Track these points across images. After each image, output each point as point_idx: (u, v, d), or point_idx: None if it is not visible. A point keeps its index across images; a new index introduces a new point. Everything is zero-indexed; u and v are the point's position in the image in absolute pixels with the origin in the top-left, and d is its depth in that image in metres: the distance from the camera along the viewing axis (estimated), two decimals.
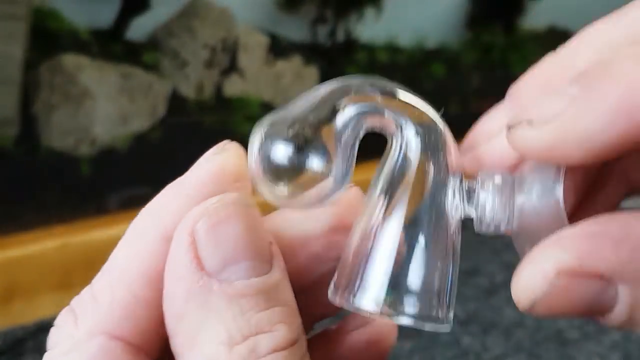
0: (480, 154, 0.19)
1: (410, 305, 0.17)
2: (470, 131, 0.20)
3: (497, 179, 0.18)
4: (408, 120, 0.18)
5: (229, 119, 0.88)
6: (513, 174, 0.18)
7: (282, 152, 0.17)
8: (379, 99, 0.18)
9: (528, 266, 0.16)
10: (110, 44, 0.82)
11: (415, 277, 0.17)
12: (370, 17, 0.87)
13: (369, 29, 0.87)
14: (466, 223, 0.18)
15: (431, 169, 0.18)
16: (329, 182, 0.17)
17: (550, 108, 0.16)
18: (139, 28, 0.83)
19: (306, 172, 0.17)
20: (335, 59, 0.84)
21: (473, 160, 0.19)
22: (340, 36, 0.83)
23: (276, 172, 0.17)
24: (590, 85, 0.16)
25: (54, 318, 0.19)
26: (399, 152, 0.18)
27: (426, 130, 0.18)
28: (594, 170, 0.19)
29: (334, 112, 0.17)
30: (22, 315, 0.70)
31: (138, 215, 0.18)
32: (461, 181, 0.18)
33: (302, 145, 0.17)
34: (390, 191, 0.18)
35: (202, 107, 0.87)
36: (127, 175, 0.83)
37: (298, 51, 0.82)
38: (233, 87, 0.88)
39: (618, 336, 0.81)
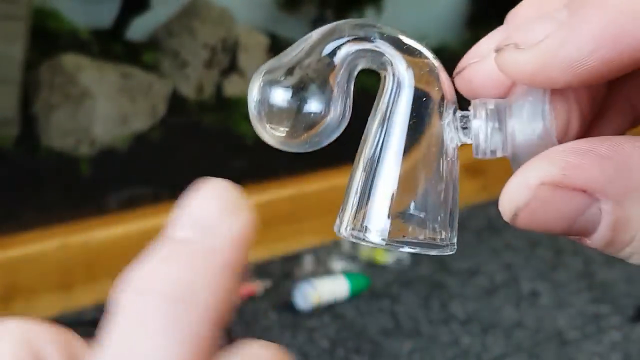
0: (472, 74, 0.19)
1: (414, 234, 0.18)
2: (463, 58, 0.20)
3: (490, 106, 0.18)
4: (399, 56, 0.18)
5: (229, 119, 0.88)
6: (505, 98, 0.18)
7: (281, 96, 0.18)
8: (370, 37, 0.18)
9: (514, 179, 0.16)
10: (110, 44, 0.82)
11: (417, 205, 0.18)
12: (371, 17, 0.87)
13: None
14: (465, 223, 0.18)
15: (425, 101, 0.18)
16: (328, 122, 0.18)
17: (538, 32, 0.16)
18: (139, 28, 0.83)
19: (305, 114, 0.18)
20: None
21: (464, 80, 0.19)
22: None
23: (277, 117, 0.18)
24: (578, 10, 0.16)
25: (54, 318, 0.19)
26: (392, 87, 0.18)
27: (417, 64, 0.18)
28: (600, 97, 0.19)
29: (328, 54, 0.18)
30: (22, 315, 0.70)
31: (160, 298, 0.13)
32: (455, 111, 0.18)
33: (300, 89, 0.18)
34: (387, 125, 0.18)
35: (202, 107, 0.87)
36: (127, 175, 0.83)
37: None
38: (233, 87, 0.88)
39: (618, 336, 0.81)
